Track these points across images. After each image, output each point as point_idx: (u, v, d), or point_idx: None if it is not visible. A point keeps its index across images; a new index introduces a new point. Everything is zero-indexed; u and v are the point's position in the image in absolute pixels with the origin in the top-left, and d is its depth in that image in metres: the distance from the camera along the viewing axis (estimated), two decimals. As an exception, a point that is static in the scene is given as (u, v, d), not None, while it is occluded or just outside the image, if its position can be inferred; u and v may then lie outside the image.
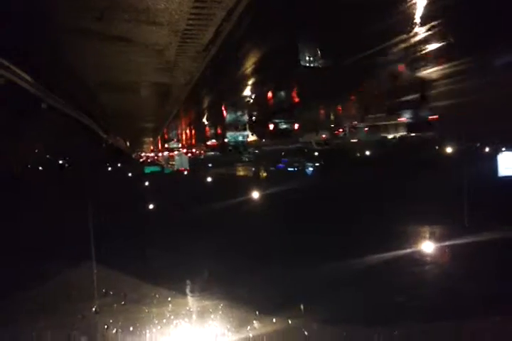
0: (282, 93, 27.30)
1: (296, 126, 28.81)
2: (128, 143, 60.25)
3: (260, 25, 13.93)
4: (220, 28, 12.90)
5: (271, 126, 29.73)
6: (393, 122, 26.16)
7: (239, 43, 15.54)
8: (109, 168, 38.27)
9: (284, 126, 29.43)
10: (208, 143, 43.62)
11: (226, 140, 37.78)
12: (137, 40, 13.69)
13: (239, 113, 33.80)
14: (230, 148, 36.07)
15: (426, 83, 20.68)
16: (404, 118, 25.27)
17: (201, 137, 46.75)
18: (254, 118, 32.27)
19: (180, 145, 52.74)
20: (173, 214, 10.68)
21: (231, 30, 12.78)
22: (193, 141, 50.86)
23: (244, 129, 34.56)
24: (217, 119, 37.34)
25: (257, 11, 12.07)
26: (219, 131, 40.02)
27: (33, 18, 12.00)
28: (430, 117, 22.69)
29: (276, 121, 29.20)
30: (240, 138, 35.22)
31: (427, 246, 7.11)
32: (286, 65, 18.91)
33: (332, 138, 27.86)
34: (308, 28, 14.53)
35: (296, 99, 27.24)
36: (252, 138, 33.90)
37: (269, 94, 27.72)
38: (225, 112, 35.22)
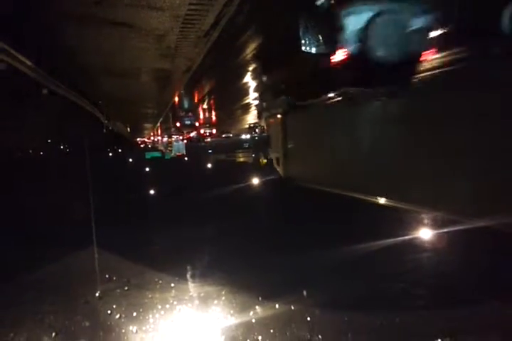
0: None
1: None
2: (129, 129, 60.12)
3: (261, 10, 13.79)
4: (221, 13, 12.82)
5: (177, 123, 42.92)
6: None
7: (239, 29, 15.40)
8: (110, 154, 38.40)
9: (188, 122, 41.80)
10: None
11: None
12: (138, 25, 13.60)
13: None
14: None
15: None
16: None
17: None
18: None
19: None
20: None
21: (232, 16, 12.74)
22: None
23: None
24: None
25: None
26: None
27: (31, 0, 11.92)
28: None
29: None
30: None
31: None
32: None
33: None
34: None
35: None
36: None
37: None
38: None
